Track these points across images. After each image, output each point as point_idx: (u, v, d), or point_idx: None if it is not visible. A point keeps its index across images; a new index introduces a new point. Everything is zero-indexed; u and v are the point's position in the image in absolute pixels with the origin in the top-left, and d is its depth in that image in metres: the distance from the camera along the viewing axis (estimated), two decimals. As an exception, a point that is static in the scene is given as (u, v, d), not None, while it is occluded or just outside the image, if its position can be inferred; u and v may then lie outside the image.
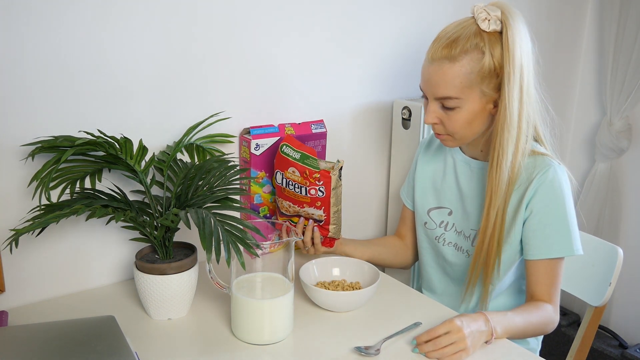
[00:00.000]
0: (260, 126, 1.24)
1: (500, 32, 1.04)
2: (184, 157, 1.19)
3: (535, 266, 1.11)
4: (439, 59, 1.04)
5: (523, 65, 1.03)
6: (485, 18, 1.03)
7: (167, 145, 1.18)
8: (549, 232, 1.09)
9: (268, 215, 1.28)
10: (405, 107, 1.46)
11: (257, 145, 1.22)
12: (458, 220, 1.21)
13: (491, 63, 1.03)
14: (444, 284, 1.28)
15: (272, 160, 1.23)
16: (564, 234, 1.09)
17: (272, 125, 1.25)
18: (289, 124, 1.26)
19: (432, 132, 1.28)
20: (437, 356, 0.95)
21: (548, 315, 1.10)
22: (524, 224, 1.11)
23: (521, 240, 1.13)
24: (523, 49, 1.03)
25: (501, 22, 1.03)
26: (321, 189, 1.14)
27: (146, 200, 1.10)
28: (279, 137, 1.24)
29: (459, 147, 1.21)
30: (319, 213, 1.16)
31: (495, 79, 1.04)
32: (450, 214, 1.23)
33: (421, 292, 1.33)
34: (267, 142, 1.23)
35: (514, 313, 1.06)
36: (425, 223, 1.26)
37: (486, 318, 0.99)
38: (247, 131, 1.25)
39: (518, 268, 1.19)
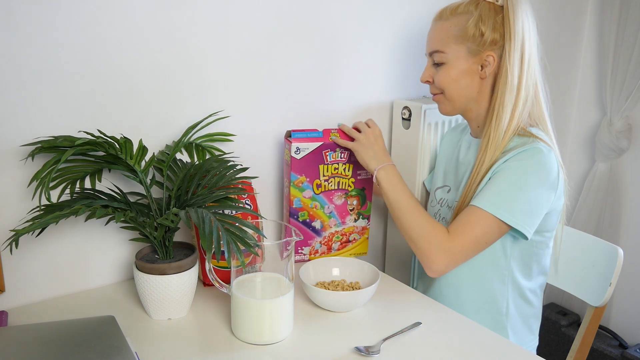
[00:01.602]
0: (304, 130, 1.24)
1: (502, 7, 1.12)
2: (184, 156, 1.20)
3: (469, 208, 1.10)
4: (436, 20, 1.19)
5: (525, 39, 1.10)
6: None
7: (167, 145, 1.18)
8: (492, 185, 1.09)
9: (308, 220, 1.28)
10: (405, 107, 1.46)
11: (298, 149, 1.22)
12: (451, 196, 1.25)
13: (477, 26, 1.11)
14: None
15: (313, 165, 1.24)
16: (503, 195, 1.07)
17: (316, 130, 1.24)
18: (334, 129, 1.26)
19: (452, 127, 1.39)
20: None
21: (437, 235, 1.08)
22: None
23: None
24: (525, 23, 1.10)
25: None
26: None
27: (145, 201, 1.11)
28: (321, 143, 1.23)
29: (469, 131, 1.25)
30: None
31: (480, 39, 1.11)
32: (449, 191, 1.27)
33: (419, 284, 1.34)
34: (308, 147, 1.22)
35: (411, 194, 1.15)
36: (431, 201, 1.32)
37: (390, 163, 1.18)
38: (289, 134, 1.25)
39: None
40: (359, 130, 1.23)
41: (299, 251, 1.30)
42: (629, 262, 1.50)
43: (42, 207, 0.98)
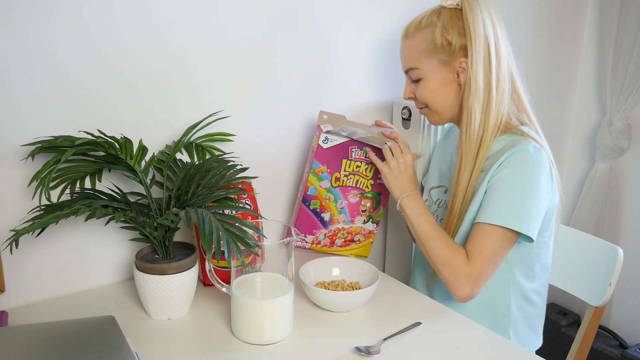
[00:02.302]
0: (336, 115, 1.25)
1: (461, 9, 1.13)
2: (184, 156, 1.20)
3: (474, 227, 1.10)
4: (402, 38, 1.20)
5: (488, 36, 1.11)
6: None
7: (167, 145, 1.18)
8: (493, 197, 1.09)
9: (318, 210, 1.29)
10: (405, 107, 1.46)
11: (327, 138, 1.22)
12: (448, 196, 1.24)
13: (442, 36, 1.12)
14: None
15: (337, 157, 1.24)
16: (506, 204, 1.07)
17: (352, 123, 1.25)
18: (372, 124, 1.28)
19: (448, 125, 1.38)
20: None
21: (459, 262, 1.08)
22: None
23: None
24: (485, 21, 1.11)
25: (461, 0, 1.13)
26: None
27: (145, 201, 1.11)
28: (350, 139, 1.23)
29: None
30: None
31: (449, 48, 1.12)
32: (445, 192, 1.27)
33: (415, 280, 1.34)
34: (336, 139, 1.22)
35: (433, 221, 1.15)
36: (426, 200, 1.31)
37: (415, 192, 1.18)
38: (323, 118, 1.25)
39: None
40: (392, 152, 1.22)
41: (303, 239, 1.30)
42: (629, 262, 1.50)
43: (42, 207, 0.98)
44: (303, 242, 1.31)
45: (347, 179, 1.26)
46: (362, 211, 1.30)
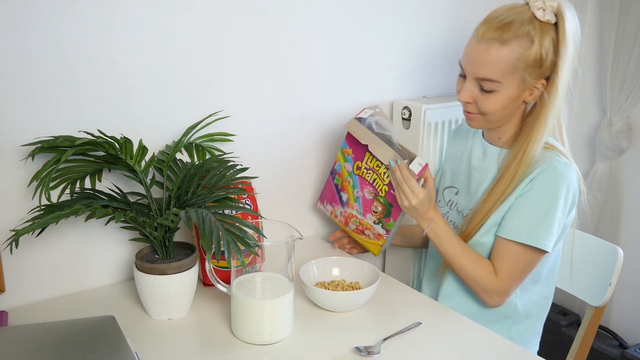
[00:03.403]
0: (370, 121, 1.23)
1: (555, 24, 1.04)
2: (184, 156, 1.20)
3: (501, 243, 1.12)
4: (489, 39, 1.05)
5: (573, 60, 1.05)
6: (541, 7, 1.03)
7: (167, 145, 1.18)
8: (525, 215, 1.09)
9: (339, 187, 1.29)
10: (405, 107, 1.46)
11: (361, 119, 1.23)
12: (461, 200, 1.23)
13: (538, 52, 1.03)
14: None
15: (363, 147, 1.23)
16: (537, 224, 1.08)
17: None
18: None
19: (460, 121, 1.37)
20: (394, 184, 1.15)
21: (488, 281, 1.11)
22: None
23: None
24: (575, 43, 1.05)
25: (556, 15, 1.04)
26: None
27: (145, 201, 1.10)
28: (375, 135, 1.21)
29: (481, 132, 1.24)
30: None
31: (539, 69, 1.05)
32: (457, 193, 1.25)
33: (421, 282, 1.34)
34: (366, 132, 1.21)
35: (457, 240, 1.14)
36: (439, 201, 1.30)
37: (435, 217, 1.14)
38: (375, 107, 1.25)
39: None
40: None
41: (325, 204, 1.34)
42: (629, 262, 1.49)
43: (42, 207, 0.98)
44: (325, 207, 1.33)
45: (367, 173, 1.25)
46: (374, 212, 1.27)
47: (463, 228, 1.19)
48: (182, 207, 1.04)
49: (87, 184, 1.05)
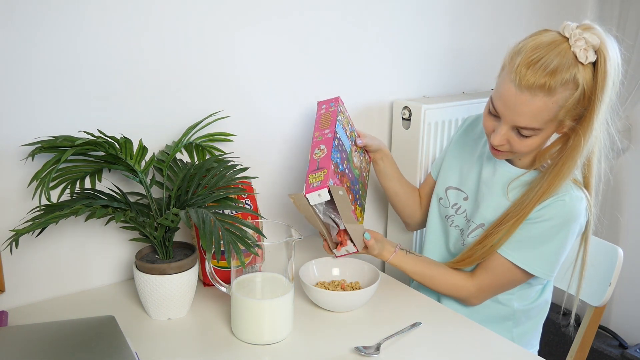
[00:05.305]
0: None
1: (594, 63, 0.98)
2: (184, 156, 1.20)
3: (499, 259, 1.12)
4: (534, 89, 0.96)
5: (611, 99, 1.00)
6: (584, 48, 0.96)
7: (167, 145, 1.18)
8: (527, 242, 1.10)
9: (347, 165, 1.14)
10: (405, 107, 1.46)
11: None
12: (470, 207, 1.22)
13: (582, 95, 0.98)
14: (441, 259, 1.28)
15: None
16: (537, 253, 1.10)
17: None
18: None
19: (470, 117, 1.31)
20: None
21: (460, 292, 1.16)
22: None
23: None
24: (615, 82, 1.00)
25: (597, 53, 0.98)
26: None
27: (145, 201, 1.10)
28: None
29: None
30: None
31: (579, 110, 1.00)
32: (466, 199, 1.23)
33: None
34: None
35: (416, 264, 1.17)
36: (441, 199, 1.28)
37: (393, 251, 1.15)
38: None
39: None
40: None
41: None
42: (629, 262, 1.49)
43: (42, 207, 0.98)
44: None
45: (359, 155, 1.22)
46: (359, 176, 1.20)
47: (476, 246, 1.15)
48: (182, 207, 1.04)
49: (87, 184, 1.05)
